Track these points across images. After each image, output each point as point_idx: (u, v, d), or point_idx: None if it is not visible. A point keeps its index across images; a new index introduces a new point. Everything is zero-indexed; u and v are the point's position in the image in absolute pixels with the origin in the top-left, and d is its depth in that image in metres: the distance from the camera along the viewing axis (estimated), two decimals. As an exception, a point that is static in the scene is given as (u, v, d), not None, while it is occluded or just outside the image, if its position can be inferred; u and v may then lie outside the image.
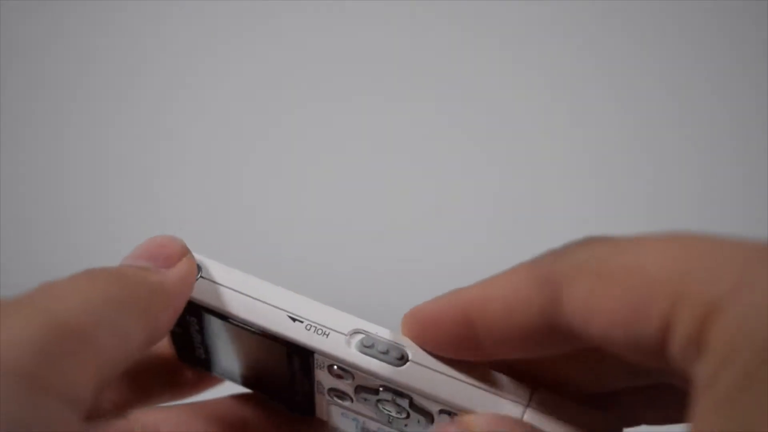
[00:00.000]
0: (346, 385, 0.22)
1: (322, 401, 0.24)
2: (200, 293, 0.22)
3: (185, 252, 0.22)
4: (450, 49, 0.59)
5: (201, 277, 0.22)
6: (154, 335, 0.20)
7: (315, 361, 0.22)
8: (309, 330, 0.22)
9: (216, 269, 0.23)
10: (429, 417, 0.22)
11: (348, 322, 0.22)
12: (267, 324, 0.22)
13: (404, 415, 0.22)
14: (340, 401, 0.23)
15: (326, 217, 0.59)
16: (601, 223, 0.60)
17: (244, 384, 0.25)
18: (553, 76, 0.59)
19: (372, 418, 0.23)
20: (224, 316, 0.22)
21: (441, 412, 0.21)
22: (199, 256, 0.23)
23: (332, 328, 0.22)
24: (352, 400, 0.23)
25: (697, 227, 0.18)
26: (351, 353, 0.21)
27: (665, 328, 0.16)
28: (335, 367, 0.22)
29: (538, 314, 0.19)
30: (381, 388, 0.22)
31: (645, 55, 0.59)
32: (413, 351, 0.21)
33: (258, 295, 0.22)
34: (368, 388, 0.22)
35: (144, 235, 0.22)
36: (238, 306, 0.22)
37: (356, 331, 0.22)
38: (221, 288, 0.22)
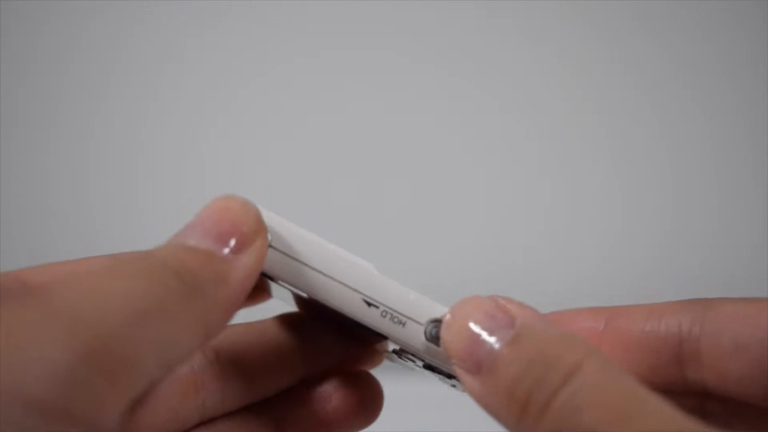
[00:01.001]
0: (414, 360, 0.22)
1: (382, 346, 0.23)
2: (268, 264, 0.20)
3: (261, 228, 0.18)
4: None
5: (270, 246, 0.19)
6: (207, 339, 0.17)
7: (385, 342, 0.21)
8: (384, 317, 0.21)
9: (286, 236, 0.20)
10: None
11: (426, 309, 0.21)
12: (341, 306, 0.20)
13: None
14: (401, 362, 0.23)
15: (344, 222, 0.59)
16: (625, 228, 0.60)
17: (300, 309, 0.24)
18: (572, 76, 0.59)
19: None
20: (290, 288, 0.21)
21: None
22: (266, 216, 0.19)
23: (409, 316, 0.21)
24: (416, 365, 0.22)
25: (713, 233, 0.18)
26: (424, 344, 0.21)
27: None
28: (402, 350, 0.21)
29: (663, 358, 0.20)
30: (452, 375, 0.21)
31: (665, 56, 0.59)
32: None
33: (333, 273, 0.20)
34: (437, 369, 0.21)
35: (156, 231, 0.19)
36: (311, 284, 0.20)
37: (434, 321, 0.21)
38: (292, 262, 0.20)
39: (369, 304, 0.21)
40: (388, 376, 0.25)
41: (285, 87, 0.59)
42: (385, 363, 0.25)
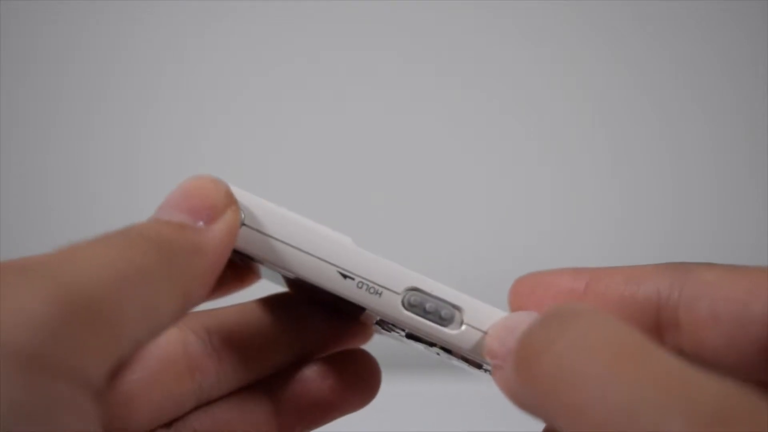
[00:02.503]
0: (396, 330, 0.22)
1: (368, 319, 0.23)
2: (243, 242, 0.20)
3: (231, 201, 0.19)
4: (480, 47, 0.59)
5: (243, 224, 0.20)
6: (187, 305, 0.18)
7: (365, 312, 0.21)
8: (361, 288, 0.20)
9: (260, 214, 0.20)
10: (477, 365, 0.21)
11: (402, 278, 0.21)
12: (317, 280, 0.20)
13: (455, 360, 0.22)
14: (386, 333, 0.23)
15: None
16: (625, 224, 0.60)
17: (290, 289, 0.24)
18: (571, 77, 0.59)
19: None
20: (269, 266, 0.21)
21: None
22: (239, 195, 0.20)
23: (385, 286, 0.21)
24: (400, 336, 0.22)
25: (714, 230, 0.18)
26: (402, 312, 0.21)
27: None
28: (381, 320, 0.21)
29: (655, 308, 0.20)
30: (433, 344, 0.21)
31: (665, 54, 0.59)
32: (469, 312, 0.21)
33: (307, 248, 0.20)
34: (419, 338, 0.21)
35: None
36: (285, 259, 0.20)
37: (411, 289, 0.21)
38: (266, 239, 0.20)
39: (344, 276, 0.20)
40: (387, 377, 0.25)
41: (285, 87, 0.59)
42: (383, 361, 0.24)
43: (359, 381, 0.24)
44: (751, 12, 0.58)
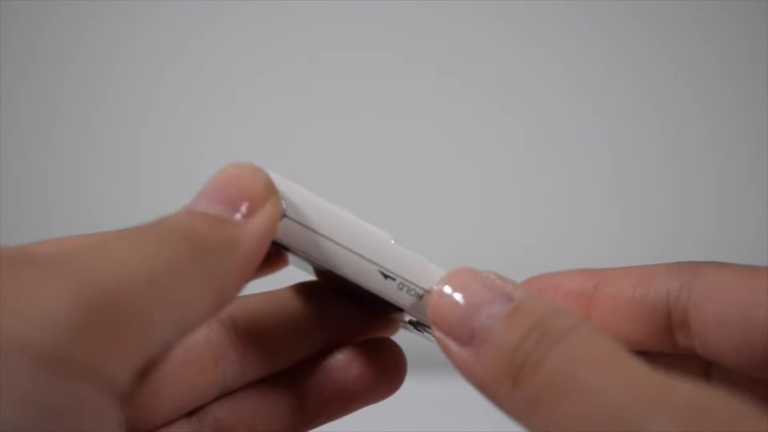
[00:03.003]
0: (429, 331, 0.21)
1: (399, 316, 0.22)
2: (283, 235, 0.19)
3: (271, 192, 0.18)
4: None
5: (285, 216, 0.19)
6: (220, 304, 0.17)
7: (402, 314, 0.21)
8: (401, 289, 0.20)
9: (302, 205, 0.20)
10: None
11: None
12: (356, 278, 0.20)
13: None
14: (417, 332, 0.22)
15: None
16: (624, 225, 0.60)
17: (318, 278, 0.23)
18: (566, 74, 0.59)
19: None
20: (305, 258, 0.20)
21: None
22: (280, 183, 0.19)
23: (426, 289, 0.20)
24: (430, 337, 0.22)
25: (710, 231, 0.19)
26: None
27: None
28: (418, 322, 0.21)
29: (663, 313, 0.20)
30: None
31: (661, 56, 0.59)
32: None
33: (348, 244, 0.20)
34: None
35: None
36: (326, 254, 0.20)
37: None
38: (308, 232, 0.20)
39: (386, 276, 0.20)
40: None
41: (285, 87, 0.59)
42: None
43: (385, 370, 0.23)
44: (751, 12, 0.58)
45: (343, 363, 0.23)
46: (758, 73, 0.58)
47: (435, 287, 0.19)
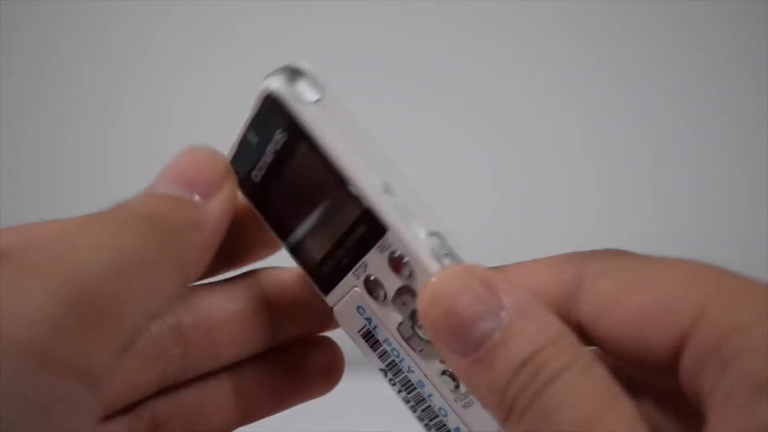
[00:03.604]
0: (393, 280, 0.20)
1: (346, 285, 0.22)
2: (310, 118, 0.19)
3: (229, 174, 0.19)
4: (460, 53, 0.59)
5: (319, 101, 0.20)
6: (186, 282, 0.17)
7: (381, 240, 0.20)
8: (396, 208, 0.19)
9: (336, 104, 0.20)
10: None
11: (436, 222, 0.20)
12: (356, 179, 0.19)
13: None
14: (369, 295, 0.21)
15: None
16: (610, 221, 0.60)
17: (278, 233, 0.22)
18: (556, 74, 0.59)
19: (389, 328, 0.21)
20: (317, 150, 0.19)
21: None
22: (320, 78, 0.20)
23: (419, 218, 0.20)
24: (384, 299, 0.21)
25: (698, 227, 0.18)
26: (425, 251, 0.19)
27: (680, 341, 0.17)
28: (399, 254, 0.20)
29: (556, 304, 0.19)
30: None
31: (651, 56, 0.59)
32: None
33: (366, 152, 0.20)
34: (417, 293, 0.20)
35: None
36: (340, 150, 0.19)
37: (437, 234, 0.19)
38: (332, 124, 0.20)
39: (387, 191, 0.20)
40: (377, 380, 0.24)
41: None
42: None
43: (321, 369, 0.24)
44: (752, 12, 0.58)
45: (282, 360, 0.23)
46: (759, 72, 0.58)
47: (424, 292, 0.18)
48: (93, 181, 0.60)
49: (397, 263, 0.20)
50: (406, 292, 0.20)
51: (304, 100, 0.20)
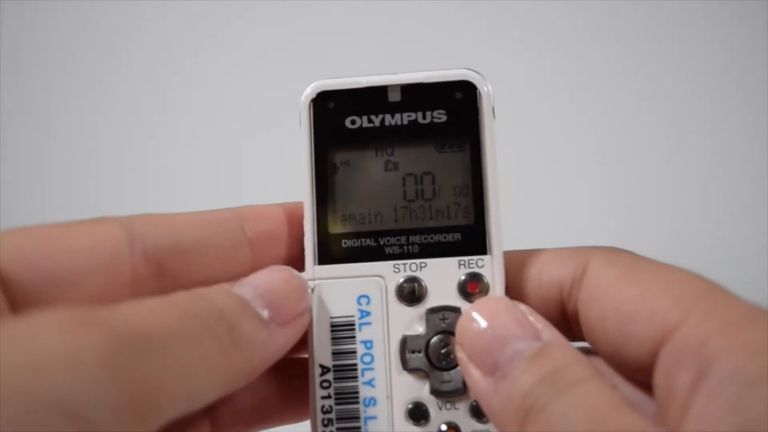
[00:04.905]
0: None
1: (367, 270, 0.22)
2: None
3: (308, 310, 0.20)
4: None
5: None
6: (228, 392, 0.18)
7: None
8: None
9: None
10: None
11: None
12: None
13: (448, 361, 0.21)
14: (398, 295, 0.22)
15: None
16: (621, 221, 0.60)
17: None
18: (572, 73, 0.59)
19: (390, 332, 0.22)
20: None
21: None
22: None
23: None
24: (417, 304, 0.22)
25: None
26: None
27: (661, 339, 0.18)
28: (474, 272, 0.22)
29: (559, 287, 0.21)
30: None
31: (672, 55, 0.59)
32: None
33: None
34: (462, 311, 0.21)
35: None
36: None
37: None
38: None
39: None
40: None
41: (286, 86, 0.59)
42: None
43: (298, 395, 0.24)
44: (751, 12, 0.58)
45: (256, 385, 0.23)
46: (758, 72, 0.58)
47: (467, 309, 0.20)
48: (95, 182, 0.60)
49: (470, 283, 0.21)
50: (449, 309, 0.21)
51: None
